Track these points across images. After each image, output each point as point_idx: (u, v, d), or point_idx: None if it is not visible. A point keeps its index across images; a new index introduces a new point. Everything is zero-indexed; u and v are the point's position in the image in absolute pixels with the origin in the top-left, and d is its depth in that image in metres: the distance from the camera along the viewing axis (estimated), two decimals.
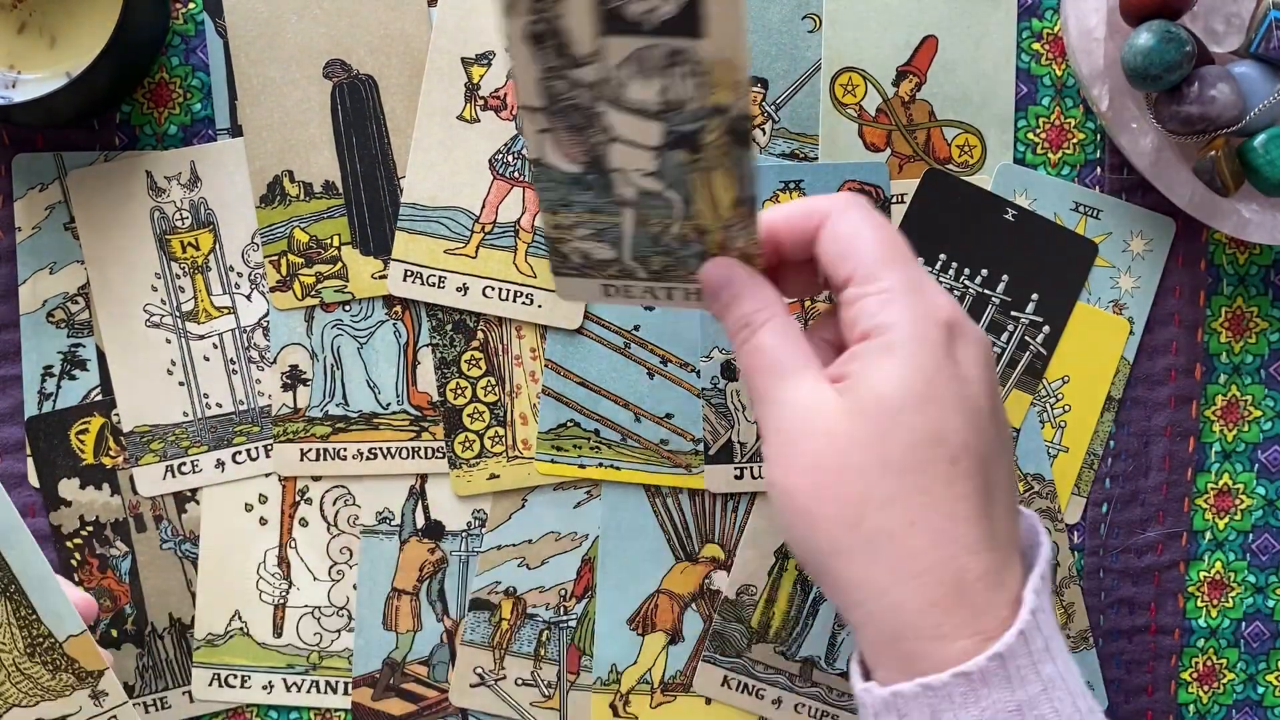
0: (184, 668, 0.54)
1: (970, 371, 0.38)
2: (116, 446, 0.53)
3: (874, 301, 0.38)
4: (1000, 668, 0.35)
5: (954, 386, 0.37)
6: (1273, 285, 0.54)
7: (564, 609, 0.54)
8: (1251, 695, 0.55)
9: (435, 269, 0.53)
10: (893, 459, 0.37)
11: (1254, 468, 0.55)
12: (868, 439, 0.37)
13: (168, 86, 0.53)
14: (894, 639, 0.37)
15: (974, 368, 0.38)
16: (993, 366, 0.40)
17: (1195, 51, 0.47)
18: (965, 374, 0.38)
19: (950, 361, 0.38)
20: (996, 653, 0.35)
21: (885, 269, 0.38)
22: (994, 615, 0.36)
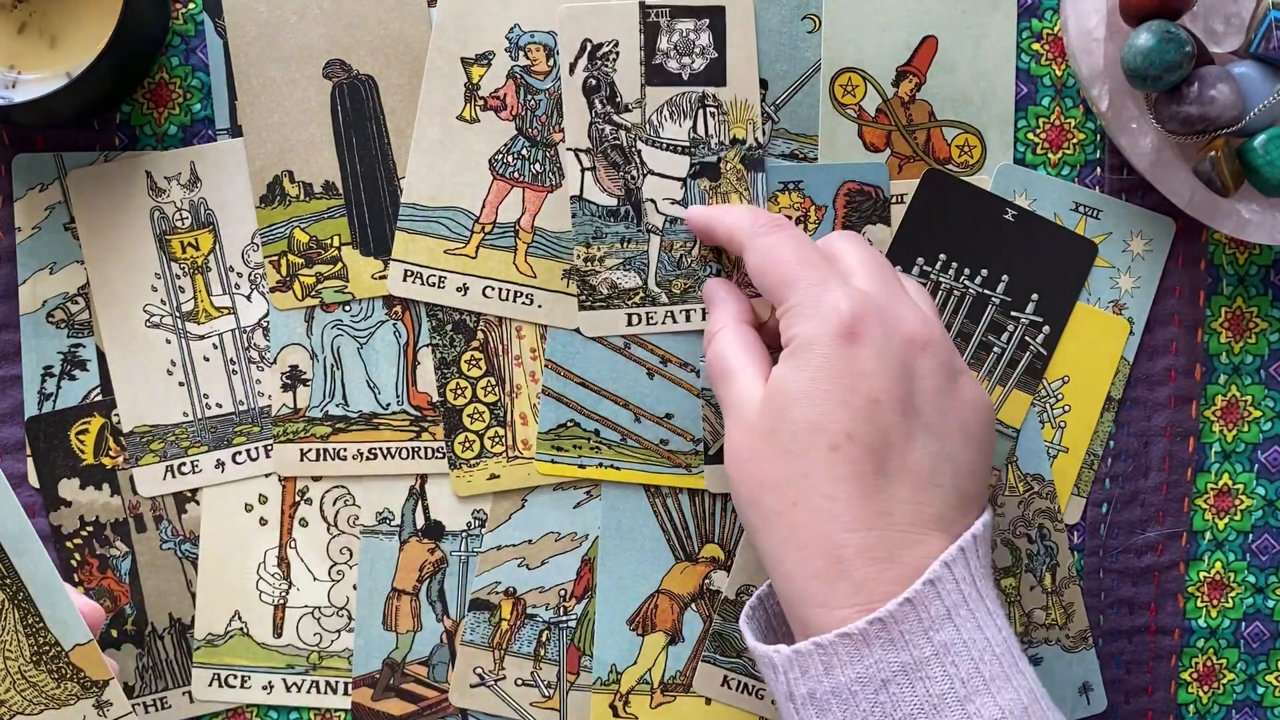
0: (184, 668, 0.54)
1: (866, 365, 0.42)
2: (116, 447, 0.53)
3: (785, 319, 0.45)
4: (882, 631, 0.39)
5: (841, 381, 0.42)
6: (1273, 285, 0.54)
7: (564, 609, 0.54)
8: (1251, 695, 0.55)
9: (435, 269, 0.53)
10: (783, 446, 0.43)
11: (1254, 468, 0.55)
12: (767, 429, 0.43)
13: (168, 87, 0.53)
14: (790, 605, 0.43)
15: (870, 362, 0.42)
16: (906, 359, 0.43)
17: (1195, 52, 0.47)
18: (857, 369, 0.42)
19: (840, 359, 0.42)
20: (877, 617, 0.39)
21: (790, 289, 0.45)
22: (880, 587, 0.40)
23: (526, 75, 0.53)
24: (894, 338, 0.43)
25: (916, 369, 0.43)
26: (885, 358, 0.42)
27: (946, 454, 0.43)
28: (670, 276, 0.53)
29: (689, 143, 0.52)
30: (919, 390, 0.43)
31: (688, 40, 0.52)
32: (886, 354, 0.43)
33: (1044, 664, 0.54)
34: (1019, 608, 0.54)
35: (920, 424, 0.43)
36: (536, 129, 0.53)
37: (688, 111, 0.52)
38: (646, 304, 0.53)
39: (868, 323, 0.43)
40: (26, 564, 0.43)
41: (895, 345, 0.43)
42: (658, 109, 0.52)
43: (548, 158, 0.53)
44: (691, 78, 0.52)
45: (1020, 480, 0.54)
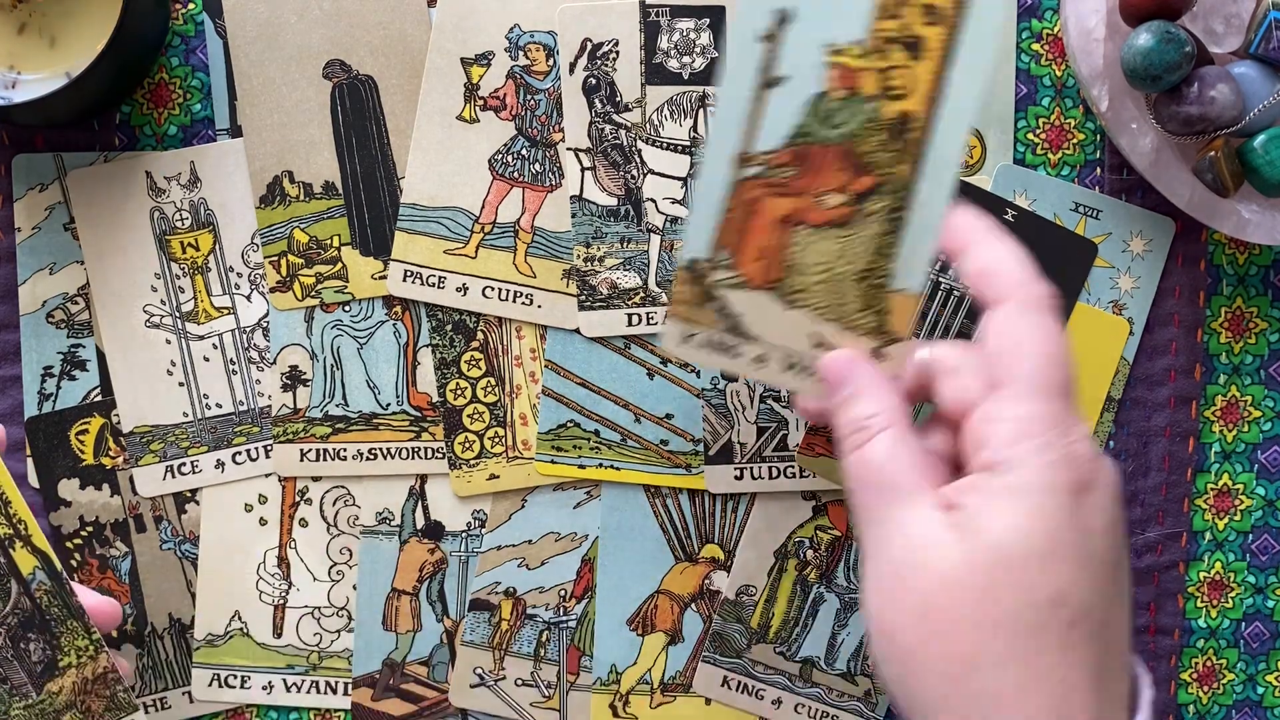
0: (184, 668, 0.54)
1: (1096, 522, 0.36)
2: (116, 447, 0.53)
3: (1010, 429, 0.36)
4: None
5: (1078, 542, 0.35)
6: (1272, 285, 0.54)
7: (564, 609, 0.54)
8: (1251, 696, 0.55)
9: (435, 269, 0.53)
10: (1008, 617, 0.35)
11: (1254, 468, 0.55)
12: (983, 592, 0.35)
13: (168, 87, 0.53)
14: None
15: (1100, 518, 0.36)
16: (1121, 513, 0.37)
17: (1195, 52, 0.47)
18: (1090, 526, 0.35)
19: (1077, 515, 0.35)
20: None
21: (1037, 397, 0.36)
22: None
23: (526, 75, 0.53)
24: (1115, 494, 0.37)
25: (1119, 522, 0.37)
26: (1108, 513, 0.36)
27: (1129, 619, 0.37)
28: (671, 276, 0.53)
29: (689, 142, 0.52)
30: (1123, 551, 0.37)
31: (688, 39, 0.52)
32: (1108, 509, 0.36)
33: None
34: None
35: (1122, 588, 0.37)
36: (536, 129, 0.53)
37: (688, 111, 0.52)
38: (647, 304, 0.53)
39: (1101, 474, 0.36)
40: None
41: (1115, 503, 0.37)
42: (658, 108, 0.52)
43: (548, 158, 0.53)
44: (692, 77, 0.52)
45: None
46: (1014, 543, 0.35)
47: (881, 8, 0.39)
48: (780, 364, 0.42)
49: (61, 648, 0.43)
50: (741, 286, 0.42)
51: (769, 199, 0.41)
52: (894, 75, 0.40)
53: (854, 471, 0.38)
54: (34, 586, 0.43)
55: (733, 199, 0.41)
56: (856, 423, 0.39)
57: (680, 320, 0.42)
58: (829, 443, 0.53)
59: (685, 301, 0.42)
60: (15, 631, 0.43)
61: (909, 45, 0.39)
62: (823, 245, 0.41)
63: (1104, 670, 0.35)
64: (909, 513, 0.36)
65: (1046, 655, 0.34)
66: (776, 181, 0.41)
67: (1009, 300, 0.38)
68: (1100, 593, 0.35)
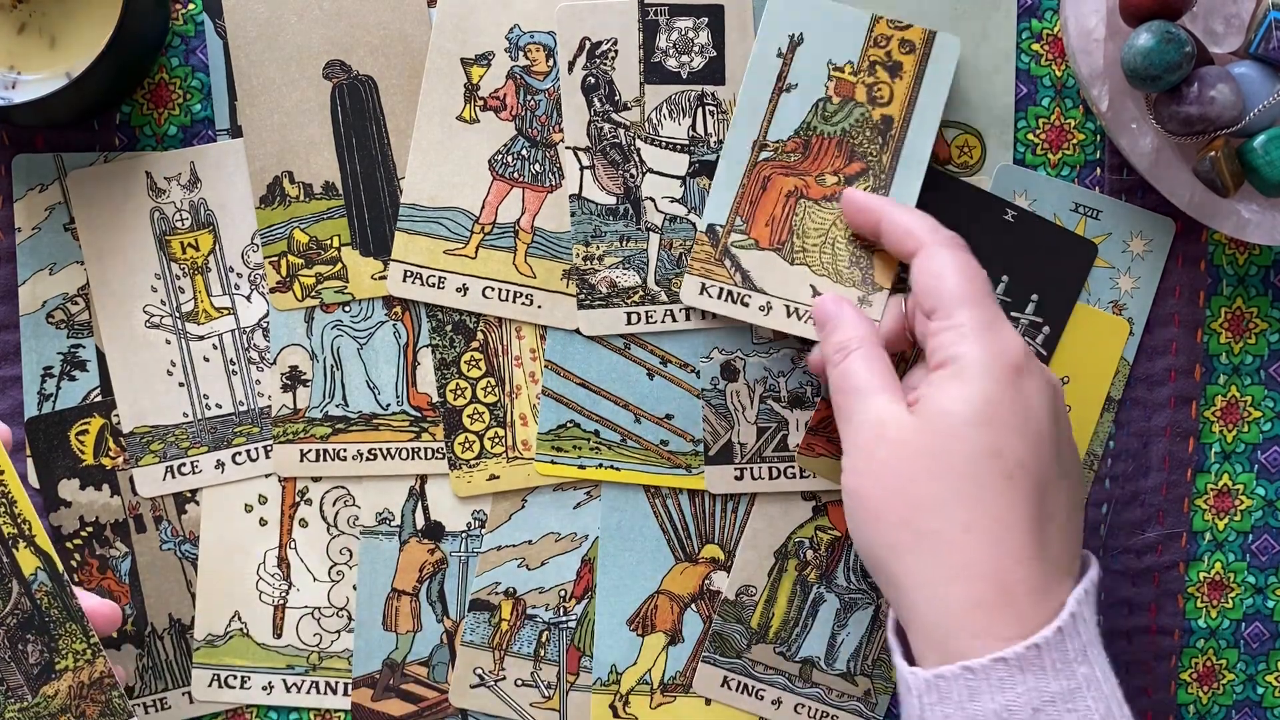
0: (184, 668, 0.54)
1: (1033, 401, 0.42)
2: (116, 447, 0.53)
3: (950, 335, 0.43)
4: (1037, 657, 0.39)
5: (1016, 411, 0.41)
6: (1273, 286, 0.54)
7: (564, 609, 0.54)
8: (1251, 696, 0.55)
9: (435, 269, 0.53)
10: (952, 467, 0.41)
11: (1254, 468, 0.55)
12: (931, 448, 0.41)
13: (168, 87, 0.53)
14: (939, 634, 0.40)
15: (1037, 398, 0.42)
16: (1060, 404, 0.43)
17: (1195, 52, 0.47)
18: (1028, 403, 0.42)
19: (1015, 391, 0.42)
20: (1034, 643, 0.39)
21: (963, 307, 0.43)
22: (1034, 617, 0.40)
23: (526, 75, 0.53)
24: (1049, 381, 0.43)
25: (1060, 415, 0.44)
26: (1045, 397, 0.43)
27: (1077, 502, 0.44)
28: (670, 275, 0.53)
29: (688, 141, 0.53)
30: (1062, 435, 0.43)
31: (686, 38, 0.52)
32: (1045, 395, 0.43)
33: None
34: None
35: (1063, 468, 0.43)
36: (536, 129, 0.53)
37: (687, 110, 0.52)
38: (646, 303, 0.53)
39: (1033, 362, 0.43)
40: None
41: (1050, 390, 0.43)
42: (657, 107, 0.52)
43: (547, 158, 0.53)
44: (690, 76, 0.52)
45: None
46: (957, 409, 0.41)
47: (871, 39, 0.51)
48: (783, 312, 0.51)
49: (59, 650, 0.43)
50: (753, 247, 0.51)
51: (778, 177, 0.52)
52: (879, 88, 0.51)
53: (835, 383, 0.46)
54: (35, 587, 0.43)
55: (748, 176, 0.51)
56: (837, 345, 0.46)
57: (699, 276, 0.51)
58: (829, 443, 0.53)
59: (704, 260, 0.51)
60: (14, 633, 0.42)
61: (890, 68, 0.51)
62: (820, 215, 0.51)
63: (1041, 530, 0.41)
64: (875, 403, 0.44)
65: (985, 499, 0.40)
66: (785, 163, 0.52)
67: (921, 246, 0.46)
68: (1037, 457, 0.41)
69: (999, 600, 0.40)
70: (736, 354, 0.53)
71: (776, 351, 0.53)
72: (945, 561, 0.41)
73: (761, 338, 0.53)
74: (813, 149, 0.52)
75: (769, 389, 0.53)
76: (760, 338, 0.53)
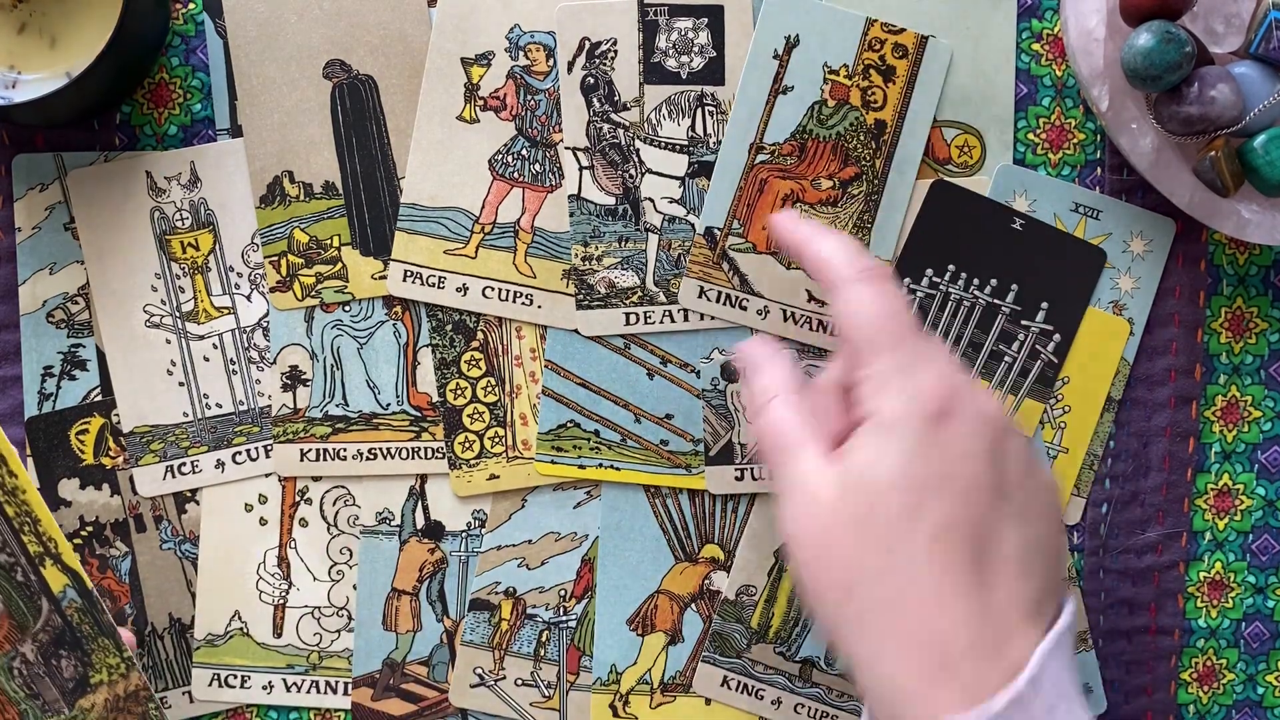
0: (184, 668, 0.54)
1: (960, 448, 0.39)
2: (116, 447, 0.53)
3: (868, 386, 0.41)
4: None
5: (937, 464, 0.39)
6: (1273, 286, 0.54)
7: (564, 609, 0.54)
8: (1251, 696, 0.55)
9: (435, 269, 0.53)
10: (877, 535, 0.39)
11: (1254, 468, 0.55)
12: (855, 515, 0.39)
13: (168, 87, 0.53)
14: (890, 708, 0.38)
15: (966, 443, 0.40)
16: (1001, 439, 0.40)
17: (1195, 52, 0.47)
18: (952, 452, 0.39)
19: (933, 444, 0.39)
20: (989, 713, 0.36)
21: (877, 354, 0.41)
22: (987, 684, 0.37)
23: (526, 75, 0.53)
24: (982, 420, 0.40)
25: (1005, 452, 0.40)
26: (975, 439, 0.40)
27: (1036, 540, 0.40)
28: (669, 275, 0.53)
29: (687, 141, 0.53)
30: (1007, 475, 0.40)
31: (686, 39, 0.52)
32: (977, 437, 0.40)
33: None
34: None
35: (1011, 510, 0.40)
36: (536, 129, 0.53)
37: (686, 110, 0.52)
38: (645, 303, 0.53)
39: (959, 403, 0.40)
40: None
41: (984, 428, 0.40)
42: (656, 107, 0.52)
43: (547, 158, 0.53)
44: (690, 76, 0.52)
45: None
46: (875, 471, 0.39)
47: (866, 42, 0.51)
48: (780, 316, 0.52)
49: (93, 665, 0.43)
50: (750, 250, 0.52)
51: (775, 180, 0.52)
52: (873, 92, 0.52)
53: (758, 435, 0.44)
54: (65, 604, 0.43)
55: (745, 179, 0.52)
56: (758, 395, 0.44)
57: (697, 278, 0.52)
58: None
59: (702, 263, 0.52)
60: (47, 648, 0.42)
61: (884, 72, 0.52)
62: (816, 219, 0.52)
63: (983, 587, 0.38)
64: (800, 459, 0.41)
65: (913, 567, 0.38)
66: (782, 167, 0.52)
67: (841, 282, 0.43)
68: (967, 509, 0.39)
69: (941, 670, 0.37)
70: (737, 354, 0.53)
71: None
72: (883, 633, 0.38)
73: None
74: (808, 152, 0.52)
75: None
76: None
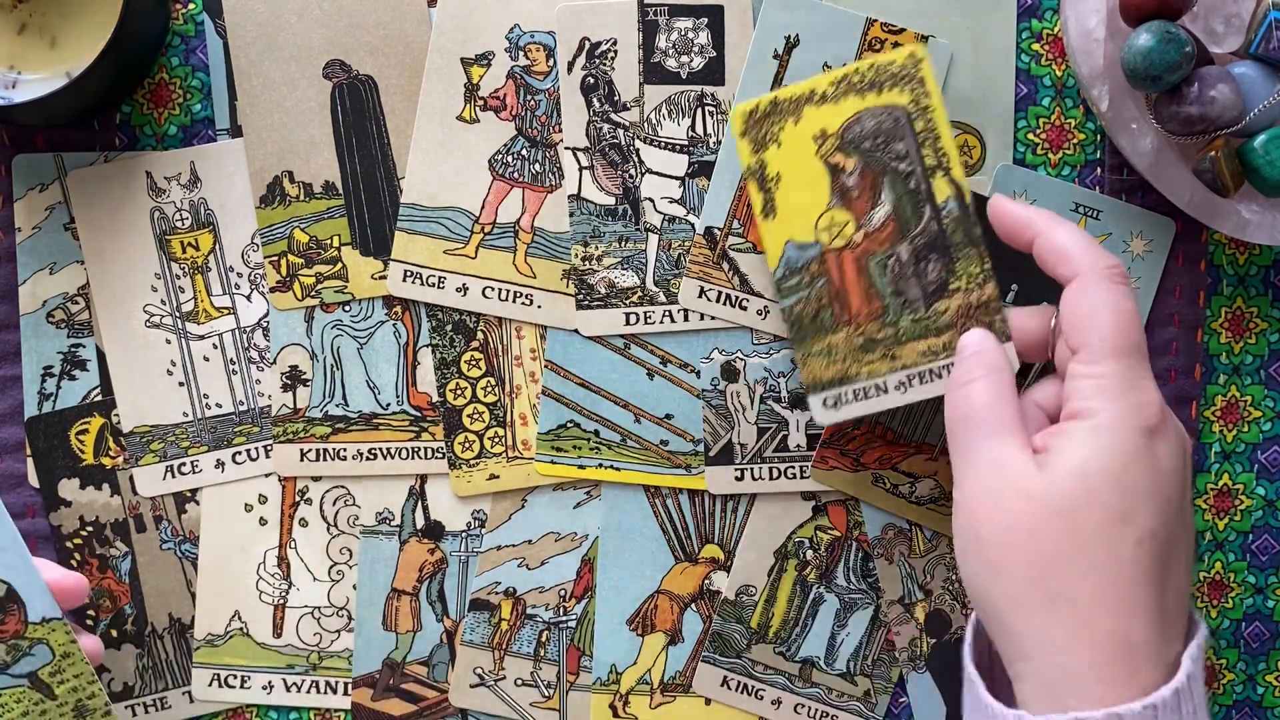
0: (184, 668, 0.54)
1: (1165, 465, 0.41)
2: (116, 447, 0.53)
3: (1090, 385, 0.42)
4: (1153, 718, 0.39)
5: (1149, 475, 0.41)
6: (1273, 286, 0.54)
7: (564, 609, 0.54)
8: (1251, 695, 0.55)
9: (435, 269, 0.53)
10: (1084, 530, 0.40)
11: (1254, 468, 0.55)
12: (1063, 508, 0.41)
13: (168, 87, 0.53)
14: (1055, 688, 0.40)
15: (1169, 461, 0.42)
16: (1189, 466, 0.43)
17: (1195, 52, 0.47)
18: (1161, 466, 0.41)
19: (1148, 453, 0.41)
20: (1151, 703, 0.39)
21: (1109, 357, 0.42)
22: (1151, 677, 0.40)
23: (526, 75, 0.53)
24: (1182, 442, 0.43)
25: (1188, 476, 0.43)
26: (1177, 459, 0.42)
27: (1191, 557, 0.44)
28: (668, 275, 0.53)
29: (687, 141, 0.53)
30: (1186, 496, 0.43)
31: (686, 39, 0.52)
32: (1177, 456, 0.42)
33: None
34: None
35: (1185, 529, 0.43)
36: (536, 129, 0.53)
37: (686, 110, 0.52)
38: (644, 303, 0.53)
39: (1168, 423, 0.42)
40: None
41: (1181, 449, 0.43)
42: (656, 107, 0.52)
43: (547, 158, 0.53)
44: (690, 76, 0.52)
45: None
46: (1093, 469, 0.41)
47: (866, 42, 0.51)
48: (779, 316, 0.51)
49: (955, 272, 0.48)
50: (750, 250, 0.52)
51: None
52: None
53: (955, 408, 0.44)
54: (944, 213, 0.48)
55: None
56: (969, 368, 0.45)
57: (697, 278, 0.52)
58: (842, 455, 0.53)
59: (702, 263, 0.52)
60: (920, 251, 0.47)
61: None
62: None
63: (1164, 594, 0.41)
64: (1000, 446, 0.43)
65: (1114, 565, 0.40)
66: None
67: (1078, 274, 0.44)
68: (1165, 523, 0.41)
69: (1121, 662, 0.40)
70: (737, 354, 0.53)
71: (777, 352, 0.53)
72: (1071, 623, 0.40)
73: (762, 338, 0.53)
74: None
75: (769, 389, 0.53)
76: (761, 338, 0.53)
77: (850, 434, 0.53)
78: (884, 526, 0.54)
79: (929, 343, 0.48)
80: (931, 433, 0.53)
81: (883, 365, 0.48)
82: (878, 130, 0.48)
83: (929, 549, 0.54)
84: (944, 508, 0.53)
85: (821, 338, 0.49)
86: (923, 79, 0.48)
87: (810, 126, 0.49)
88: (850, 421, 0.51)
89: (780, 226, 0.49)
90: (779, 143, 0.49)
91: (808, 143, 0.49)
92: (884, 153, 0.48)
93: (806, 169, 0.49)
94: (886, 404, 0.49)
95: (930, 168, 0.48)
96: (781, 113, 0.49)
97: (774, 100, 0.49)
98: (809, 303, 0.49)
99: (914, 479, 0.53)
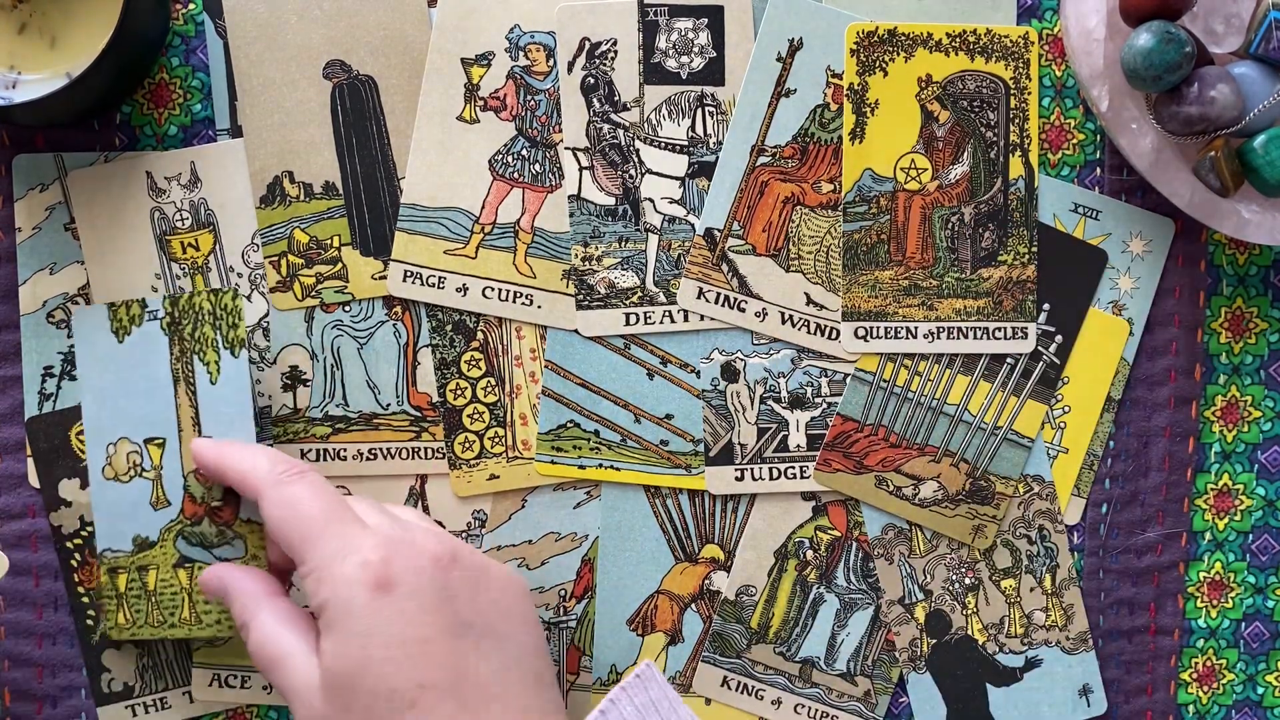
0: (184, 668, 0.54)
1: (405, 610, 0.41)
2: None
3: (309, 583, 0.42)
4: None
5: (391, 641, 0.41)
6: (1272, 285, 0.54)
7: (564, 609, 0.54)
8: (1251, 696, 0.55)
9: (435, 269, 0.53)
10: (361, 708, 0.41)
11: (1254, 468, 0.55)
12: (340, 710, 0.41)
13: (168, 87, 0.53)
14: None
15: (409, 603, 0.41)
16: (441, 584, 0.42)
17: (1195, 52, 0.47)
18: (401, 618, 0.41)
19: (381, 615, 0.41)
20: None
21: (309, 548, 0.43)
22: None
23: (526, 75, 0.53)
24: (422, 568, 0.42)
25: (451, 586, 0.42)
26: (421, 593, 0.42)
27: (510, 649, 0.43)
28: (668, 276, 0.53)
29: (687, 142, 0.53)
30: (460, 605, 0.42)
31: (686, 39, 0.52)
32: (421, 589, 0.42)
33: (1044, 666, 0.54)
34: (1019, 609, 0.54)
35: (475, 635, 0.42)
36: (536, 129, 0.53)
37: (686, 110, 0.52)
38: (645, 303, 0.53)
39: (395, 564, 0.42)
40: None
41: (426, 575, 0.42)
42: (656, 108, 0.52)
43: (548, 158, 0.53)
44: (690, 76, 0.52)
45: (1020, 481, 0.54)
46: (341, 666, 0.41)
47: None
48: (778, 318, 0.52)
49: (1006, 246, 0.51)
50: (749, 252, 0.52)
51: (775, 182, 0.52)
52: None
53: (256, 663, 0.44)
54: (1012, 189, 0.51)
55: (746, 181, 0.52)
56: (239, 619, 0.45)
57: (696, 279, 0.52)
58: (846, 458, 0.53)
59: (701, 263, 0.52)
60: (980, 218, 0.50)
61: None
62: (816, 222, 0.52)
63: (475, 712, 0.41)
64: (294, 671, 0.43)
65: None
66: (783, 169, 0.52)
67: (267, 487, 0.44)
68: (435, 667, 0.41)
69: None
70: (737, 355, 0.53)
71: (777, 352, 0.53)
72: None
73: (762, 339, 0.53)
74: (810, 155, 0.52)
75: (769, 390, 0.53)
76: (760, 339, 0.53)
77: (853, 437, 0.53)
78: (884, 527, 0.54)
79: (965, 303, 0.50)
80: (934, 435, 0.53)
81: (918, 313, 0.50)
82: (977, 93, 0.50)
83: (929, 549, 0.54)
84: (947, 510, 0.53)
85: (871, 270, 0.51)
86: (1029, 61, 0.50)
87: (919, 68, 0.50)
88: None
89: (863, 152, 0.51)
90: (886, 72, 0.50)
91: (911, 82, 0.51)
92: (977, 116, 0.50)
93: (904, 106, 0.51)
94: (912, 348, 0.51)
95: (1012, 144, 0.51)
96: (898, 45, 0.50)
97: (892, 30, 0.50)
98: (869, 233, 0.51)
99: (917, 481, 0.53)
